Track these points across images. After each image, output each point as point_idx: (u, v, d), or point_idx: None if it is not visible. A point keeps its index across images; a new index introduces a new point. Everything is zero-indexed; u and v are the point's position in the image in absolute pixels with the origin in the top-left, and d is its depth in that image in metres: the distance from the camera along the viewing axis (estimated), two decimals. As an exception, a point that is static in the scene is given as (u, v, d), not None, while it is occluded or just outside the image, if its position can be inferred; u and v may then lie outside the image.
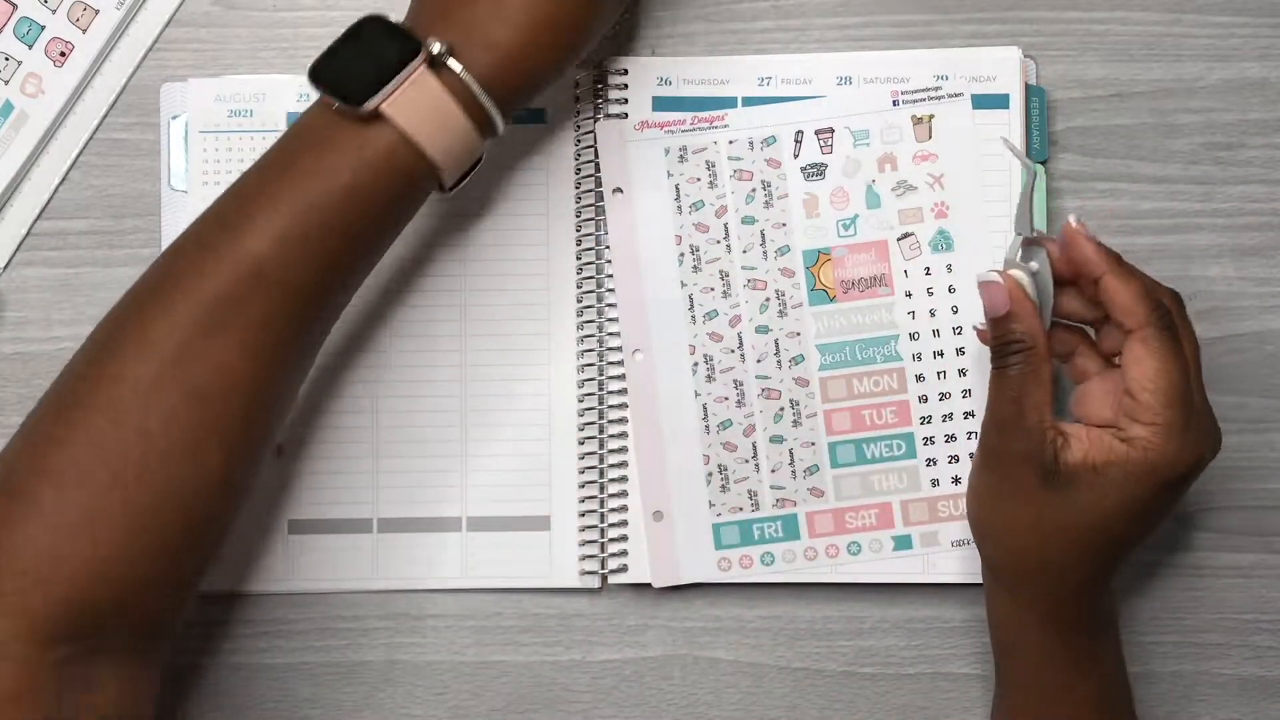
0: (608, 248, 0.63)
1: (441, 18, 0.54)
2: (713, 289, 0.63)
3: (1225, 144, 0.65)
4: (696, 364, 0.63)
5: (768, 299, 0.63)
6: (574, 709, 0.64)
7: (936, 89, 0.63)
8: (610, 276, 0.63)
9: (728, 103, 0.64)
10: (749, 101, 0.64)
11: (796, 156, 0.64)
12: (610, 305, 0.64)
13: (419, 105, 0.52)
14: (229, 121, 0.65)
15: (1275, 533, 0.64)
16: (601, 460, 0.63)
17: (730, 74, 0.64)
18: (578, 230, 0.64)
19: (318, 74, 0.53)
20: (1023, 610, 0.56)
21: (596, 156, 0.64)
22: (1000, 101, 0.63)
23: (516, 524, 0.63)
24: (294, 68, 0.65)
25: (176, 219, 0.64)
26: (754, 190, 0.64)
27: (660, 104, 0.64)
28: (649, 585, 0.63)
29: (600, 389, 0.63)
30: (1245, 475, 0.64)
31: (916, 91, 0.63)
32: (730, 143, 0.64)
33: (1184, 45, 0.65)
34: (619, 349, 0.63)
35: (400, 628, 0.64)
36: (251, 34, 0.65)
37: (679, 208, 0.63)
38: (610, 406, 0.63)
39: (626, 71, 0.64)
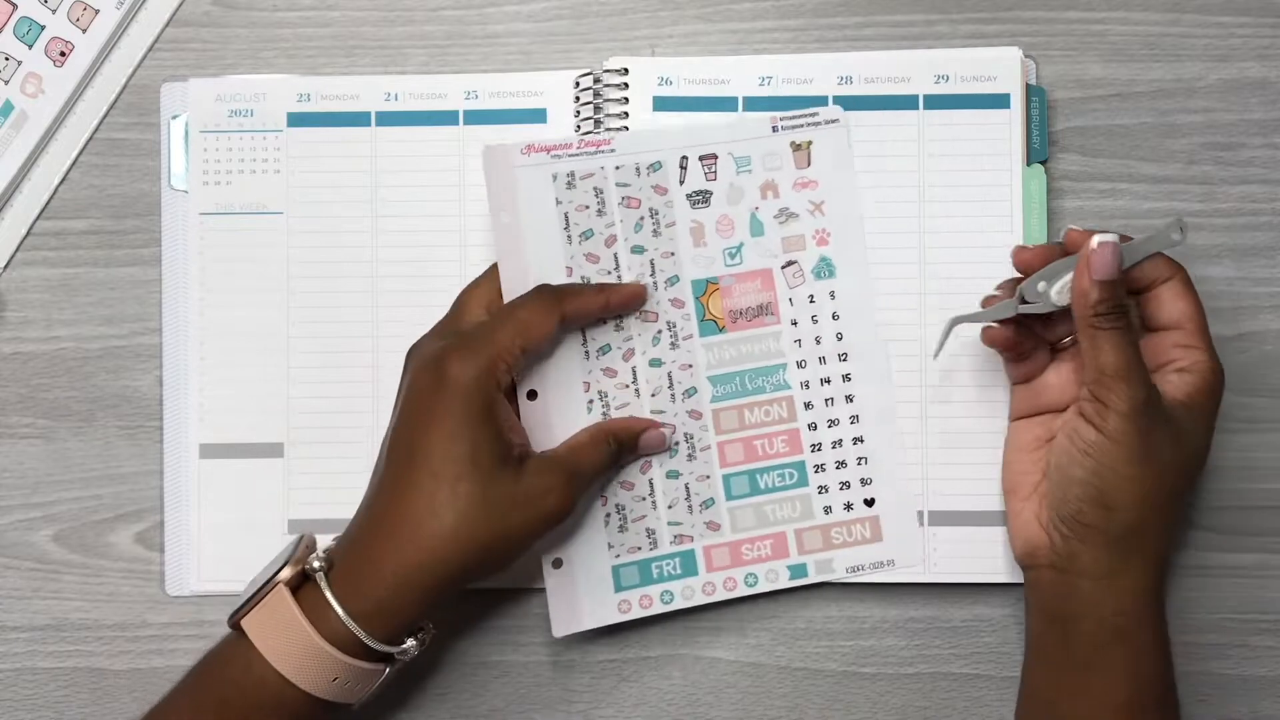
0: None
1: (343, 543, 0.56)
2: (604, 322, 0.62)
3: (1225, 144, 0.65)
4: (592, 401, 0.62)
5: (659, 331, 0.62)
6: (574, 709, 0.64)
7: (814, 114, 0.63)
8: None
9: (728, 103, 0.64)
10: (750, 102, 0.64)
11: (682, 183, 0.63)
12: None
13: (270, 621, 0.54)
14: (229, 121, 0.65)
15: (1275, 533, 0.64)
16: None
17: (731, 74, 0.64)
18: (577, 230, 0.64)
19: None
20: (1144, 583, 0.56)
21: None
22: (1000, 101, 0.63)
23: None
24: (294, 68, 0.65)
25: (176, 219, 0.64)
26: (642, 218, 0.63)
27: (661, 104, 0.64)
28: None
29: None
30: (1245, 475, 0.64)
31: (795, 117, 0.63)
32: (617, 168, 0.62)
33: (1184, 45, 0.65)
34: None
35: (400, 628, 0.64)
36: (251, 34, 0.65)
37: (569, 236, 0.62)
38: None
39: (627, 71, 0.64)
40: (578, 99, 0.64)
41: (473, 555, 0.55)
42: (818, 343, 0.63)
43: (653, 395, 0.62)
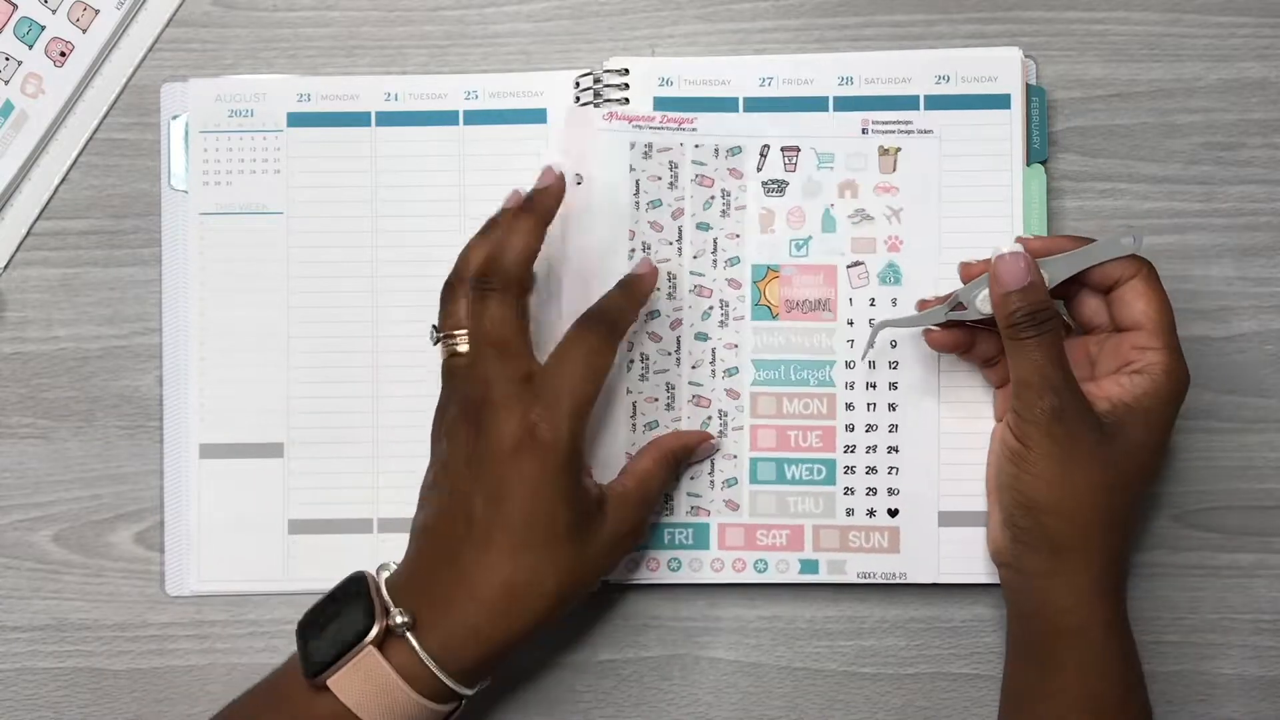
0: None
1: (414, 588, 0.55)
2: (659, 289, 0.63)
3: (1225, 144, 0.65)
4: (632, 360, 0.63)
5: (711, 307, 0.63)
6: (574, 709, 0.64)
7: (907, 122, 0.63)
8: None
9: (729, 104, 0.64)
10: (750, 102, 0.64)
11: (760, 170, 0.63)
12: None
13: (364, 683, 0.53)
14: (229, 121, 0.65)
15: (1275, 533, 0.64)
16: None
17: (732, 74, 0.64)
18: (578, 230, 0.64)
19: (301, 630, 0.55)
20: (1084, 582, 0.56)
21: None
22: (1001, 101, 0.63)
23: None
24: (294, 68, 0.65)
25: (176, 219, 0.64)
26: (713, 197, 0.63)
27: (661, 104, 0.64)
28: (648, 585, 0.63)
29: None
30: (1245, 475, 0.64)
31: (888, 123, 0.63)
32: (696, 146, 0.63)
33: (1184, 45, 0.65)
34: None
35: (400, 628, 0.64)
36: (251, 34, 0.65)
37: (637, 203, 0.63)
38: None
39: (627, 71, 0.64)
40: (578, 99, 0.64)
41: (570, 605, 0.56)
42: (872, 346, 0.62)
43: (693, 368, 0.63)
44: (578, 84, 0.64)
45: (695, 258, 0.63)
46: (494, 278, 0.57)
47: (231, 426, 0.64)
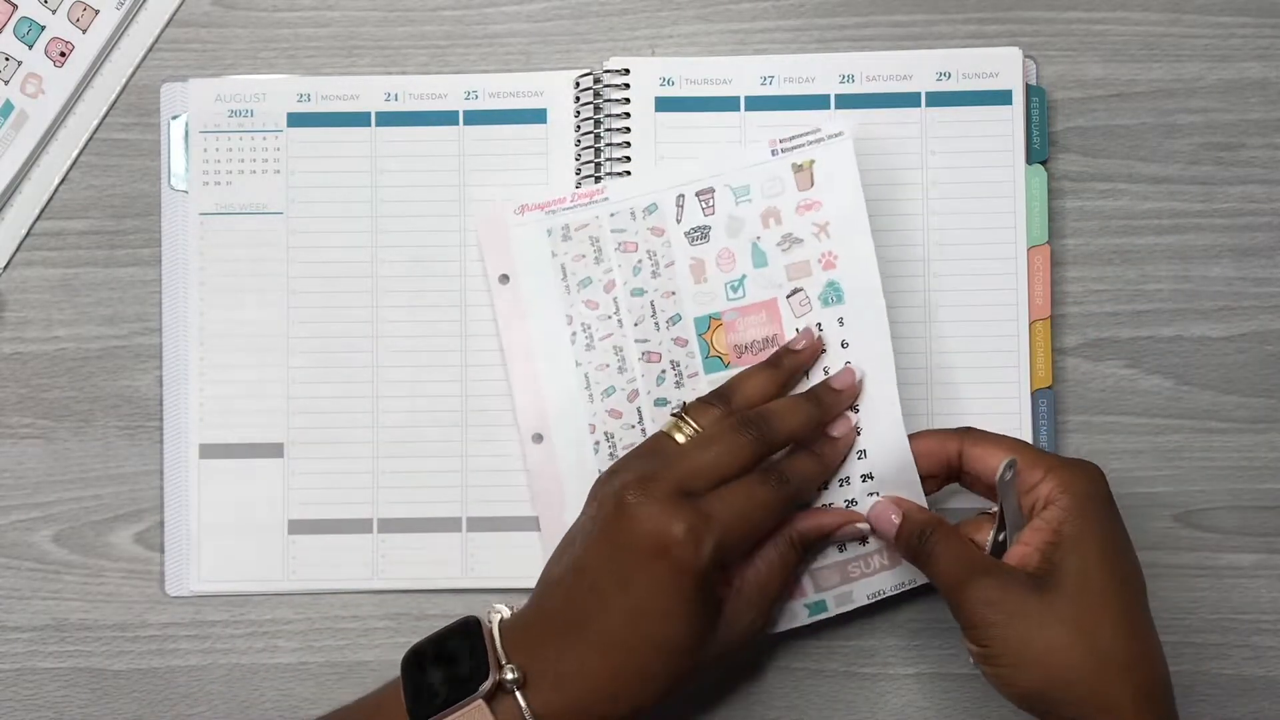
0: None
1: (528, 642, 0.54)
2: (608, 365, 0.62)
3: (1225, 144, 0.65)
4: (598, 443, 0.62)
5: (663, 370, 0.62)
6: (574, 709, 0.64)
7: (815, 131, 0.61)
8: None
9: (730, 103, 0.64)
10: (753, 102, 0.64)
11: (679, 221, 0.62)
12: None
13: None
14: (229, 121, 0.65)
15: (1275, 533, 0.64)
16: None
17: (733, 73, 0.64)
18: (578, 230, 0.64)
19: (407, 665, 0.55)
20: None
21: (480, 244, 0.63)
22: (1003, 98, 0.63)
23: (516, 524, 0.63)
24: (294, 68, 0.65)
25: (176, 219, 0.64)
26: (640, 261, 0.62)
27: (663, 104, 0.64)
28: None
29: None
30: (1245, 475, 0.64)
31: (794, 138, 0.61)
32: (611, 215, 0.62)
33: (1184, 45, 0.65)
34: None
35: (400, 628, 0.64)
36: (251, 34, 0.65)
37: (567, 287, 0.62)
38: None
39: (628, 71, 0.64)
40: (578, 99, 0.64)
41: (679, 694, 0.55)
42: (825, 373, 0.61)
43: None
44: (578, 84, 0.64)
45: (637, 325, 0.62)
46: (762, 431, 0.57)
47: (231, 426, 0.64)
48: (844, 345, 0.61)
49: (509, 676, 0.53)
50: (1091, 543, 0.53)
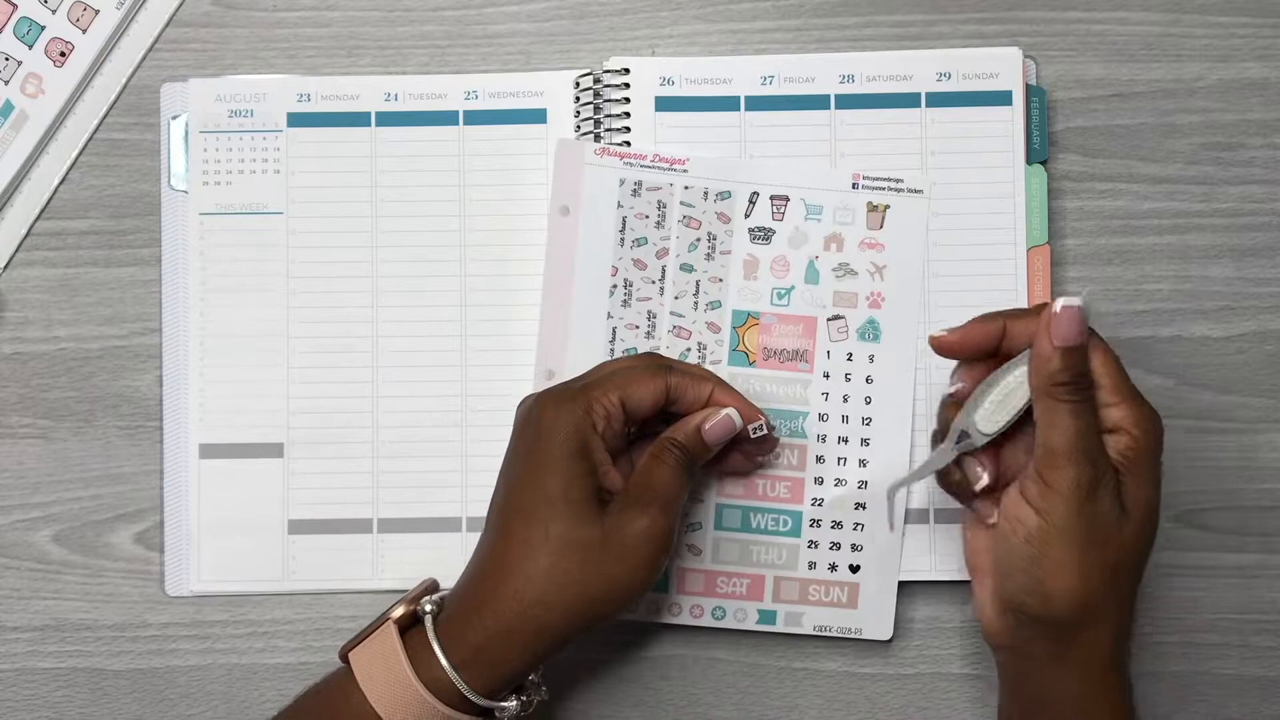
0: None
1: (458, 582, 0.56)
2: (637, 327, 0.63)
3: (1225, 144, 0.65)
4: None
5: (689, 349, 0.63)
6: (574, 709, 0.64)
7: (898, 181, 0.63)
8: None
9: (731, 103, 0.64)
10: (753, 101, 0.64)
11: (748, 216, 0.63)
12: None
13: (374, 660, 0.54)
14: (229, 121, 0.65)
15: (1275, 533, 0.64)
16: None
17: (733, 73, 0.64)
18: (578, 230, 0.64)
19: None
20: (1097, 665, 0.53)
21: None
22: (1003, 98, 0.63)
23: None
24: (294, 68, 0.65)
25: (176, 219, 0.64)
26: (698, 240, 0.63)
27: (663, 104, 0.64)
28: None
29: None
30: (1245, 475, 0.64)
31: (879, 179, 0.63)
32: (686, 188, 0.63)
33: (1184, 45, 0.65)
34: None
35: (400, 628, 0.64)
36: (251, 34, 0.65)
37: (621, 240, 0.63)
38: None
39: (627, 71, 0.64)
40: (578, 99, 0.64)
41: (573, 599, 0.54)
42: (845, 400, 0.62)
43: None
44: (578, 84, 0.64)
45: (677, 298, 0.63)
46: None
47: (231, 426, 0.64)
48: (869, 381, 0.62)
49: (426, 608, 0.54)
50: (1150, 492, 0.53)
